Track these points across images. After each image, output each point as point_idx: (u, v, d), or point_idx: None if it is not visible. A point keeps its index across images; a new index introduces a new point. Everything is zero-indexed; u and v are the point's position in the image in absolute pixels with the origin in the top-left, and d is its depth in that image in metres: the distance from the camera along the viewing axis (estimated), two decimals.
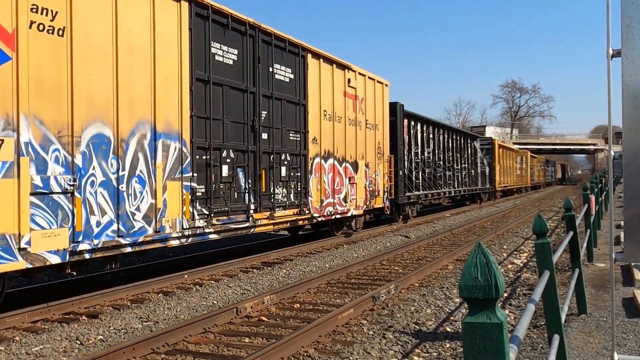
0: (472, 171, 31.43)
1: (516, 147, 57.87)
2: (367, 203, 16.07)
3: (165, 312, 7.69)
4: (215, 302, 8.31)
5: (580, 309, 6.67)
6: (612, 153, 4.19)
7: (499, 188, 37.38)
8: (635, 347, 5.45)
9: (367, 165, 16.06)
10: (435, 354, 5.78)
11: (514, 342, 2.33)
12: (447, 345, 6.03)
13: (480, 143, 33.93)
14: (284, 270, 10.73)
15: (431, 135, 24.03)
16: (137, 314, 7.50)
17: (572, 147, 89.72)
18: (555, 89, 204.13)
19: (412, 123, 21.72)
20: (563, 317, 4.70)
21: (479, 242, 1.84)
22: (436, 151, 24.48)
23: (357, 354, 5.71)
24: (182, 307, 7.95)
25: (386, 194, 17.54)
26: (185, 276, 9.78)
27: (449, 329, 6.66)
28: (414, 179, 21.21)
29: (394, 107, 18.95)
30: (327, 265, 11.41)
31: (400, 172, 18.73)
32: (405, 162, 20.23)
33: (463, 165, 29.44)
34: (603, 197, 16.01)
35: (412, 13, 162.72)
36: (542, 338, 5.86)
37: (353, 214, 15.10)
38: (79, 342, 6.37)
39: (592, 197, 10.60)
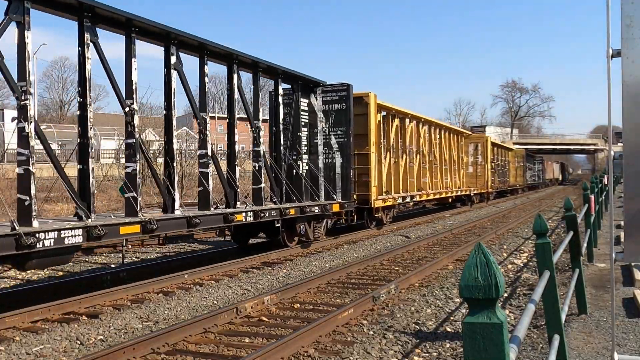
0: (306, 166, 14.34)
1: (516, 147, 56.30)
2: None
3: (166, 312, 7.69)
4: (215, 302, 8.31)
5: (580, 309, 6.67)
6: (612, 153, 4.19)
7: (379, 203, 16.81)
8: (635, 347, 5.45)
9: None
10: (435, 354, 5.78)
11: (514, 342, 2.33)
12: (447, 345, 6.04)
13: (324, 97, 15.16)
14: (284, 270, 10.73)
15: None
16: (137, 314, 7.50)
17: (572, 147, 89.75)
18: (555, 89, 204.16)
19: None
20: (563, 317, 4.70)
21: (479, 242, 1.84)
22: None
23: (357, 354, 5.71)
24: (182, 307, 7.95)
25: None
26: (185, 276, 9.77)
27: (449, 329, 6.66)
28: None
29: None
30: (327, 266, 11.41)
31: None
32: None
33: (261, 153, 12.38)
34: (603, 197, 16.01)
35: (412, 13, 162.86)
36: (542, 338, 5.86)
37: None
38: (79, 342, 6.37)
39: (592, 197, 10.61)
